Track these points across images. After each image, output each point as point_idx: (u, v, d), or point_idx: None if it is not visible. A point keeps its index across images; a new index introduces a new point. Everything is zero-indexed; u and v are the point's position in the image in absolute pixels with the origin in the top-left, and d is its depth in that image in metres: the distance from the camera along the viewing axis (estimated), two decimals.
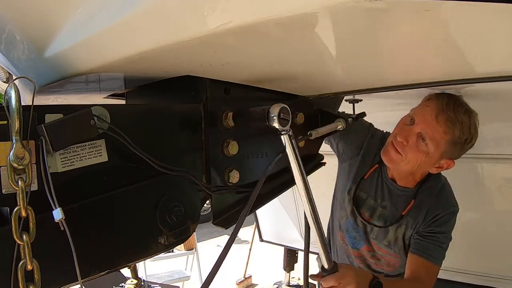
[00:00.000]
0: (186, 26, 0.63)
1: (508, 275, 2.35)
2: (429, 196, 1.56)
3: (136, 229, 0.87)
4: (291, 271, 4.56)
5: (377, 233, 1.64)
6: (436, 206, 1.54)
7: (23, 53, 0.95)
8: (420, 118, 1.37)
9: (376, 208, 1.65)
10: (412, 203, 1.56)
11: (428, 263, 1.48)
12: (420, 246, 1.52)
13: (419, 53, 0.79)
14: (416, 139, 1.37)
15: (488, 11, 0.54)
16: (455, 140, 1.35)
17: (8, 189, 0.68)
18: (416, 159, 1.40)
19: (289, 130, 0.97)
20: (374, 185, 1.64)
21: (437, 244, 1.51)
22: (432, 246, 1.51)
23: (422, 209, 1.55)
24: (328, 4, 0.51)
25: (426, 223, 1.53)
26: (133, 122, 0.88)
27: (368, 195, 1.66)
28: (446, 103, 1.33)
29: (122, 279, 2.46)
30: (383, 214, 1.64)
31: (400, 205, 1.59)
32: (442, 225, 1.52)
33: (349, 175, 1.70)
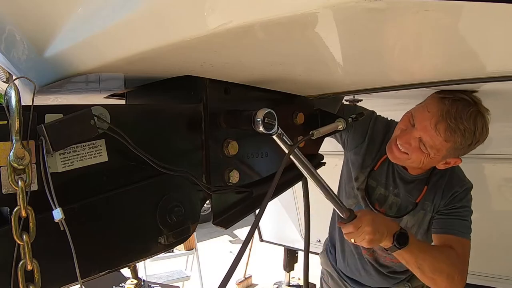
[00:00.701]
0: (186, 26, 0.63)
1: (508, 275, 2.35)
2: (442, 177, 1.55)
3: (136, 229, 0.87)
4: (291, 271, 4.56)
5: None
6: (451, 184, 1.53)
7: (23, 53, 0.95)
8: (419, 123, 1.33)
9: (387, 197, 1.63)
10: (425, 189, 1.54)
11: (457, 238, 1.45)
12: (444, 224, 1.50)
13: (419, 53, 0.79)
14: (418, 142, 1.35)
15: (488, 11, 0.54)
16: (457, 147, 1.32)
17: (8, 189, 0.68)
18: (420, 159, 1.38)
19: (277, 130, 0.99)
20: (384, 174, 1.63)
21: (461, 218, 1.49)
22: (457, 222, 1.49)
23: (437, 191, 1.54)
24: (328, 4, 0.51)
25: (445, 202, 1.52)
26: (133, 122, 0.88)
27: (378, 184, 1.64)
28: (447, 111, 1.26)
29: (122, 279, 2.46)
30: (396, 202, 1.62)
31: (414, 192, 1.57)
32: (461, 200, 1.52)
33: (356, 163, 1.69)
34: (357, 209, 1.67)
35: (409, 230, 1.52)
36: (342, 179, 1.82)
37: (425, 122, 1.30)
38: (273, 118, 0.97)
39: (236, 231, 7.31)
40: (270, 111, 0.96)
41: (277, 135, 1.01)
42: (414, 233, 1.58)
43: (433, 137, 1.29)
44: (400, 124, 1.43)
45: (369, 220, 1.28)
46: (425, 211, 1.57)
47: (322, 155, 1.47)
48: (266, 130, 0.96)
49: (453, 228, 1.47)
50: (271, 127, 0.97)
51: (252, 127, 0.96)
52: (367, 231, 1.27)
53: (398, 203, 1.62)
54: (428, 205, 1.56)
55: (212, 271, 1.82)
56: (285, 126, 1.24)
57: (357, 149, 1.68)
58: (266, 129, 0.96)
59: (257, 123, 0.95)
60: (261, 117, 0.94)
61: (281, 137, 1.03)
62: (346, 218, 1.31)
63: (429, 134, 1.30)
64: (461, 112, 1.25)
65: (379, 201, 1.64)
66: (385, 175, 1.63)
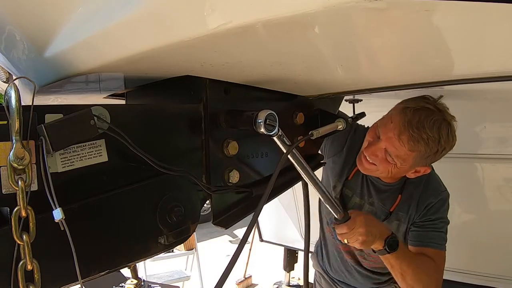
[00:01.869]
0: (186, 26, 0.63)
1: (508, 275, 2.35)
2: (416, 187, 1.55)
3: (136, 229, 0.87)
4: (291, 271, 4.56)
5: None
6: (426, 195, 1.53)
7: (23, 53, 0.95)
8: (384, 134, 1.34)
9: (362, 206, 1.65)
10: (399, 198, 1.55)
11: (434, 250, 1.47)
12: (420, 236, 1.51)
13: (419, 53, 0.79)
14: (384, 153, 1.36)
15: (488, 11, 0.54)
16: (422, 155, 1.33)
17: (8, 189, 0.68)
18: (387, 169, 1.40)
19: (278, 131, 1.00)
20: (359, 183, 1.64)
21: (436, 230, 1.51)
22: (432, 234, 1.50)
23: (412, 202, 1.54)
24: (328, 4, 0.51)
25: (420, 214, 1.53)
26: (133, 122, 0.88)
27: (353, 193, 1.66)
28: (408, 121, 1.27)
29: (122, 279, 2.46)
30: (371, 211, 1.63)
31: (388, 201, 1.59)
32: (437, 212, 1.52)
33: (333, 171, 1.70)
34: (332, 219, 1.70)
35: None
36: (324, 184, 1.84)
37: (389, 133, 1.31)
38: (274, 120, 0.97)
39: (236, 231, 7.31)
40: (272, 113, 0.96)
41: (277, 136, 1.01)
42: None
43: (397, 147, 1.30)
44: (368, 136, 1.44)
45: (362, 221, 1.29)
46: (399, 222, 1.57)
47: (322, 155, 1.47)
48: (267, 132, 0.96)
49: (430, 241, 1.49)
50: (272, 128, 0.97)
51: (253, 128, 0.96)
52: (360, 232, 1.28)
53: (374, 212, 1.62)
54: (402, 216, 1.56)
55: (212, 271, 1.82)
56: (285, 126, 1.24)
57: (335, 157, 1.69)
58: (268, 130, 0.96)
59: (259, 124, 0.95)
60: (262, 119, 0.95)
61: (281, 138, 1.03)
62: (341, 219, 1.31)
63: (394, 144, 1.31)
64: (424, 121, 1.26)
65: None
66: (360, 184, 1.64)
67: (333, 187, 1.70)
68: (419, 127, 1.26)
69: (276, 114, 0.97)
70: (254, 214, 0.97)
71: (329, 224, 1.78)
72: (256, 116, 0.96)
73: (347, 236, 1.30)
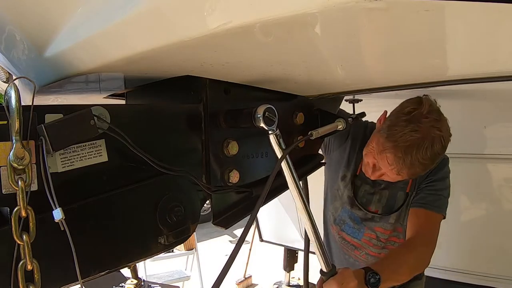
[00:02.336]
0: (186, 26, 0.63)
1: (508, 275, 2.35)
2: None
3: (136, 229, 0.87)
4: (291, 271, 4.56)
5: (381, 217, 1.65)
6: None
7: (23, 53, 0.95)
8: (384, 167, 1.39)
9: (373, 193, 1.66)
10: (410, 181, 1.59)
11: (428, 212, 1.50)
12: (419, 198, 1.55)
13: (420, 54, 0.79)
14: (389, 176, 1.42)
15: (488, 11, 0.54)
16: (422, 175, 1.44)
17: (8, 189, 0.68)
18: (397, 179, 1.45)
19: (275, 130, 0.99)
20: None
21: (435, 192, 1.54)
22: (431, 196, 1.53)
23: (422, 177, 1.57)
24: (328, 4, 0.51)
25: (424, 176, 1.56)
26: (133, 122, 0.88)
27: (362, 182, 1.67)
28: (403, 161, 1.31)
29: (122, 279, 2.46)
30: (384, 194, 1.65)
31: (401, 182, 1.59)
32: (437, 173, 1.56)
33: (340, 163, 1.71)
34: (344, 210, 1.71)
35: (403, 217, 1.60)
36: (326, 186, 1.83)
37: (387, 170, 1.39)
38: (274, 114, 0.97)
39: (236, 231, 7.31)
40: (270, 107, 0.96)
41: (274, 135, 1.01)
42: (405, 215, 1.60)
43: (399, 178, 1.42)
44: (369, 157, 1.46)
45: (350, 274, 1.23)
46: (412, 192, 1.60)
47: (322, 155, 1.47)
48: (267, 125, 0.96)
49: (426, 203, 1.52)
50: (271, 122, 0.97)
51: (253, 124, 0.96)
52: (352, 286, 1.21)
53: (387, 194, 1.65)
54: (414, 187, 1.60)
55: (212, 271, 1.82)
56: (285, 126, 1.25)
57: (341, 148, 1.71)
58: (267, 124, 0.96)
59: (258, 119, 0.95)
60: (261, 113, 0.95)
61: (277, 138, 1.02)
62: (327, 272, 1.23)
63: (395, 177, 1.42)
64: (416, 155, 1.30)
65: (366, 198, 1.67)
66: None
67: (342, 178, 1.70)
68: (414, 162, 1.31)
69: (275, 108, 0.97)
70: (251, 214, 0.96)
71: (336, 221, 1.77)
72: (255, 111, 0.96)
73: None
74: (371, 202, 1.67)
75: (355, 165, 1.68)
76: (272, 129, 0.98)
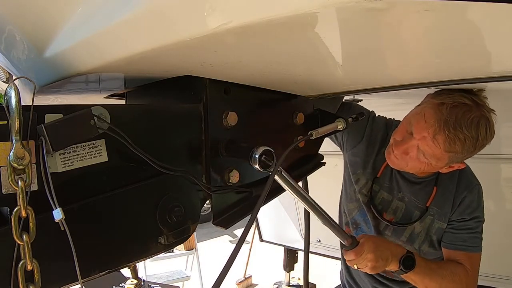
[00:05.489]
0: (186, 26, 0.63)
1: (508, 275, 2.35)
2: (451, 180, 1.45)
3: (136, 229, 0.87)
4: (291, 271, 4.56)
5: (394, 229, 1.54)
6: (460, 189, 1.44)
7: (23, 53, 0.95)
8: (417, 133, 1.25)
9: (391, 201, 1.54)
10: (435, 190, 1.45)
11: (468, 254, 1.42)
12: (455, 239, 1.44)
13: (420, 53, 0.79)
14: (416, 152, 1.28)
15: (488, 11, 0.54)
16: (457, 155, 1.25)
17: (8, 189, 0.68)
18: (419, 167, 1.32)
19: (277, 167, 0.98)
20: (387, 177, 1.54)
21: (472, 231, 1.43)
22: (467, 236, 1.43)
23: (447, 197, 1.45)
24: (328, 4, 0.51)
25: (455, 211, 1.44)
26: (133, 122, 0.88)
27: (380, 187, 1.55)
28: (444, 121, 1.17)
29: (122, 279, 2.46)
30: (400, 207, 1.53)
31: (422, 194, 1.48)
32: (472, 209, 1.44)
33: (354, 164, 1.61)
34: (360, 214, 1.63)
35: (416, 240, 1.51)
36: (344, 182, 1.75)
37: (423, 132, 1.23)
38: (271, 157, 0.97)
39: (236, 231, 7.32)
40: (268, 149, 0.96)
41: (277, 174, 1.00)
42: (421, 241, 1.52)
43: (432, 147, 1.23)
44: (398, 131, 1.36)
45: (371, 246, 1.26)
46: (433, 217, 1.48)
47: (322, 155, 1.47)
48: (263, 169, 0.96)
49: (464, 244, 1.43)
50: (267, 166, 0.96)
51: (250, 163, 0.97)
52: (369, 258, 1.25)
53: (403, 208, 1.53)
54: (437, 212, 1.47)
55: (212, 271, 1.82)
56: (285, 126, 1.25)
57: (354, 149, 1.61)
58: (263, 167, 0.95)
59: (254, 159, 0.95)
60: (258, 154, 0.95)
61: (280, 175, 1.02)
62: (349, 245, 1.29)
63: (428, 144, 1.23)
64: (461, 120, 1.17)
65: (382, 206, 1.55)
66: (388, 178, 1.55)
67: (355, 181, 1.60)
68: (456, 127, 1.17)
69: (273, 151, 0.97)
70: (251, 214, 0.96)
71: (349, 224, 1.68)
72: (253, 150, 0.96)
73: (356, 262, 1.28)
74: (387, 210, 1.56)
75: (373, 168, 1.56)
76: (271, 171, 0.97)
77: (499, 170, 2.21)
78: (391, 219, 1.55)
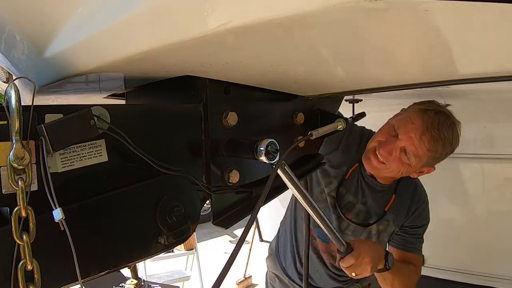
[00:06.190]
0: (186, 26, 0.63)
1: (508, 275, 2.35)
2: (407, 191, 1.68)
3: (136, 229, 0.87)
4: None
5: (354, 229, 1.70)
6: (414, 201, 1.69)
7: (23, 53, 0.95)
8: (404, 134, 1.40)
9: (355, 205, 1.69)
10: (393, 198, 1.65)
11: (415, 255, 1.69)
12: (406, 241, 1.70)
13: (420, 54, 0.79)
14: (399, 153, 1.42)
15: (489, 11, 0.54)
16: (436, 156, 1.43)
17: (8, 189, 0.68)
18: (399, 169, 1.46)
19: (281, 160, 0.99)
20: (354, 182, 1.68)
21: (419, 237, 1.71)
22: (416, 240, 1.70)
23: (403, 205, 1.67)
24: (328, 4, 0.51)
25: (408, 218, 1.68)
26: (133, 122, 0.88)
27: (347, 191, 1.69)
28: (431, 123, 1.35)
29: (122, 279, 2.46)
30: (362, 210, 1.69)
31: (382, 200, 1.67)
32: (422, 218, 1.70)
33: (328, 169, 1.71)
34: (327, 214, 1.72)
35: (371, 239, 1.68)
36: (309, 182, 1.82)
37: (410, 133, 1.38)
38: (276, 148, 0.97)
39: (236, 231, 7.32)
40: (273, 141, 0.97)
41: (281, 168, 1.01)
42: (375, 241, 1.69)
43: (417, 146, 1.38)
44: (379, 136, 1.49)
45: (366, 249, 1.35)
46: (388, 222, 1.67)
47: (322, 155, 1.47)
48: (269, 160, 0.96)
49: (413, 247, 1.69)
50: (272, 157, 0.97)
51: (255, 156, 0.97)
52: (366, 261, 1.33)
53: (364, 211, 1.69)
54: (392, 218, 1.67)
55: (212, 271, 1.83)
56: (285, 126, 1.25)
57: (329, 155, 1.69)
58: (269, 159, 0.96)
59: (259, 152, 0.95)
60: (264, 146, 0.95)
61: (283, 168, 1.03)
62: (344, 250, 1.33)
63: (414, 144, 1.38)
64: (442, 123, 1.36)
65: (347, 208, 1.69)
66: (355, 183, 1.68)
67: (326, 184, 1.71)
68: (439, 129, 1.35)
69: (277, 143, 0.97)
70: (251, 214, 0.97)
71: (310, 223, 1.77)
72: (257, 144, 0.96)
73: (355, 268, 1.34)
74: (350, 212, 1.70)
75: (344, 170, 1.68)
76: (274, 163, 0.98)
77: (499, 170, 2.21)
78: (351, 218, 1.71)
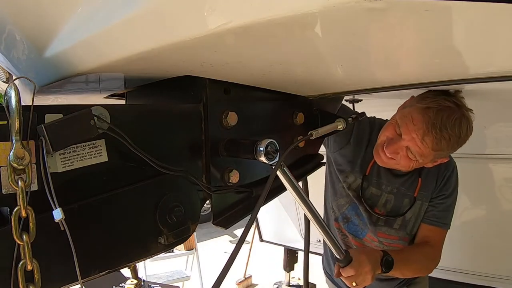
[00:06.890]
0: (186, 26, 0.63)
1: (508, 275, 2.35)
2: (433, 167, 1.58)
3: (136, 229, 0.87)
4: (291, 271, 4.56)
5: (387, 219, 1.65)
6: (441, 169, 1.60)
7: (23, 53, 0.95)
8: (406, 134, 1.36)
9: (380, 196, 1.65)
10: (419, 181, 1.59)
11: (439, 229, 1.60)
12: (432, 215, 1.61)
13: (420, 53, 0.79)
14: (405, 151, 1.39)
15: (489, 11, 0.54)
16: (443, 153, 1.39)
17: (8, 189, 0.68)
18: (408, 164, 1.43)
19: (280, 161, 0.99)
20: (375, 174, 1.65)
21: (447, 209, 1.61)
22: (443, 213, 1.61)
23: (431, 180, 1.60)
24: (328, 4, 0.51)
25: (437, 188, 1.60)
26: (133, 122, 0.88)
27: (369, 184, 1.66)
28: (432, 123, 1.29)
29: (122, 279, 2.46)
30: (390, 199, 1.64)
31: (408, 184, 1.62)
32: (450, 186, 1.60)
33: (343, 164, 1.70)
34: (351, 208, 1.72)
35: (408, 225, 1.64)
36: (330, 179, 1.83)
37: (412, 134, 1.34)
38: (275, 149, 0.97)
39: (236, 231, 7.32)
40: (272, 141, 0.97)
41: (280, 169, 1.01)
42: (412, 225, 1.65)
43: (420, 147, 1.34)
44: (386, 132, 1.46)
45: (365, 259, 1.33)
46: (422, 201, 1.62)
47: (322, 155, 1.47)
48: (269, 161, 0.96)
49: (439, 221, 1.61)
50: (272, 157, 0.97)
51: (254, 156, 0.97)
52: (366, 270, 1.32)
53: (392, 200, 1.65)
54: (425, 196, 1.61)
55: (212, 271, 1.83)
56: (285, 126, 1.25)
57: (342, 150, 1.69)
58: (268, 159, 0.96)
59: (259, 152, 0.95)
60: (263, 147, 0.95)
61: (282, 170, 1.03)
62: (343, 259, 1.33)
63: (417, 144, 1.34)
64: (446, 122, 1.29)
65: (372, 200, 1.66)
66: (376, 174, 1.65)
67: (343, 179, 1.69)
68: (442, 128, 1.29)
69: (277, 143, 0.97)
70: (251, 214, 0.97)
71: (339, 219, 1.77)
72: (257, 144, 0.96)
73: (355, 278, 1.33)
74: (377, 204, 1.66)
75: (361, 166, 1.66)
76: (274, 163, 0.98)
77: (499, 170, 2.21)
78: (382, 213, 1.66)
